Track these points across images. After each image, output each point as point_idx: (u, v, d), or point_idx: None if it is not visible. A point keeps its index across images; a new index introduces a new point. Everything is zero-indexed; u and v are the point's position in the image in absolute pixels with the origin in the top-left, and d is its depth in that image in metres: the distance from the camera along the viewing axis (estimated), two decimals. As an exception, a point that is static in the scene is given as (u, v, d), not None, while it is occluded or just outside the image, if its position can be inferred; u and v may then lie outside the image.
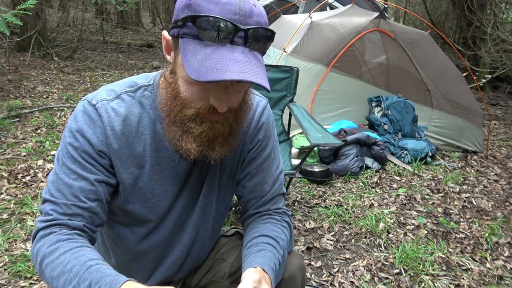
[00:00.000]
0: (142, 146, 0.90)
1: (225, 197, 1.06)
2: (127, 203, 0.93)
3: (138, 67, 7.30)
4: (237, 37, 0.73)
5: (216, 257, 1.14)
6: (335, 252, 2.24)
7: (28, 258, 1.95)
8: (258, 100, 1.04)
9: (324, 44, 3.77)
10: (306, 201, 2.81)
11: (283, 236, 0.98)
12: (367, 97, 3.98)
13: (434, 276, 2.07)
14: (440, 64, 4.03)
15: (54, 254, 0.77)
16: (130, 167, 0.90)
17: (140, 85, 0.91)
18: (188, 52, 0.74)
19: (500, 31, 5.94)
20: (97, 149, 0.85)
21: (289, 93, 2.74)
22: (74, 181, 0.83)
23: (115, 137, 0.86)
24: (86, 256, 0.76)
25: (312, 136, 2.06)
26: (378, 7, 4.21)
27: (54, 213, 0.82)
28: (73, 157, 0.84)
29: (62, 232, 0.80)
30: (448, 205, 2.93)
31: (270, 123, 1.05)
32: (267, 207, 1.04)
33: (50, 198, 0.83)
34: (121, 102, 0.88)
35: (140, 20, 13.20)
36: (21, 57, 6.53)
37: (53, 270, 0.76)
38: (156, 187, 0.93)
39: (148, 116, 0.89)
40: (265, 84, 0.73)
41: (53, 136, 3.56)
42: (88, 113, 0.85)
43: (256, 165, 1.03)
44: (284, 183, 1.10)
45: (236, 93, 0.80)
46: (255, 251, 0.91)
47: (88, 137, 0.84)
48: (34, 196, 2.54)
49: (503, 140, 4.68)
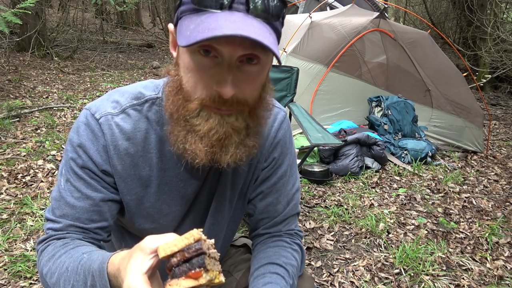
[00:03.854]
0: (148, 166, 0.83)
1: (235, 216, 0.99)
2: (133, 222, 0.88)
3: (138, 67, 7.30)
4: (237, 3, 0.64)
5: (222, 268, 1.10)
6: (335, 252, 2.24)
7: (28, 258, 1.95)
8: (276, 111, 0.93)
9: (324, 44, 3.77)
10: (306, 201, 2.81)
11: (293, 262, 0.91)
12: (367, 97, 3.98)
13: (434, 276, 2.07)
14: (440, 64, 4.04)
15: (51, 261, 0.76)
16: (134, 188, 0.84)
17: (148, 97, 0.82)
18: (183, 27, 0.66)
19: (500, 31, 5.94)
20: (101, 169, 0.80)
21: (289, 93, 2.74)
22: (77, 201, 0.79)
23: (119, 157, 0.80)
24: (79, 252, 0.74)
25: (312, 136, 2.06)
26: (378, 7, 4.21)
27: (51, 231, 0.81)
28: (77, 173, 0.79)
29: (59, 241, 0.80)
30: (448, 205, 2.93)
31: (288, 138, 0.95)
32: (278, 228, 0.97)
33: (51, 217, 0.81)
34: (126, 118, 0.80)
35: (140, 20, 13.20)
36: (21, 57, 6.53)
37: (52, 276, 0.75)
38: (163, 207, 0.87)
39: (155, 133, 0.82)
40: (269, 43, 0.61)
41: (53, 136, 3.55)
42: (91, 127, 0.79)
43: (270, 184, 0.94)
44: (299, 201, 1.02)
45: (247, 79, 0.68)
46: (261, 285, 0.85)
47: (91, 154, 0.78)
48: (34, 196, 2.54)
49: (503, 140, 4.68)
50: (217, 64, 0.66)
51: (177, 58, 0.73)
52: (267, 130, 0.91)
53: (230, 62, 0.65)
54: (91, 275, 0.68)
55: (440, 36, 5.35)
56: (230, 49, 0.64)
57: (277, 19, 0.67)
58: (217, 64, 0.66)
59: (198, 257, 0.54)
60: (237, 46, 0.63)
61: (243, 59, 0.66)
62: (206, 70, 0.67)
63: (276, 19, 0.67)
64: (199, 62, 0.66)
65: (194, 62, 0.67)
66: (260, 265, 0.90)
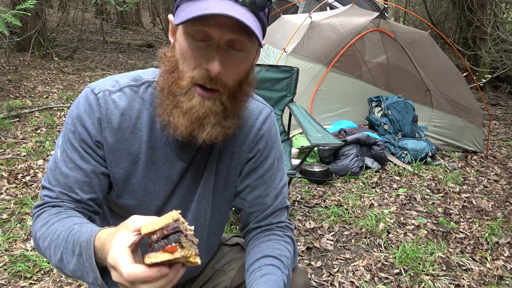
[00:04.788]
0: (137, 143, 0.89)
1: (221, 206, 1.02)
2: (119, 197, 0.93)
3: (138, 67, 7.30)
4: None
5: (215, 267, 1.11)
6: (335, 252, 2.24)
7: (28, 258, 1.95)
8: (262, 107, 1.00)
9: (324, 44, 3.77)
10: (306, 201, 2.81)
11: (286, 254, 0.94)
12: (367, 97, 3.98)
13: (434, 276, 2.07)
14: (440, 64, 4.04)
15: (45, 226, 0.82)
16: (123, 162, 0.89)
17: (145, 80, 0.91)
18: (179, 12, 0.76)
19: (500, 31, 5.94)
20: (95, 139, 0.86)
21: (289, 93, 2.74)
22: (71, 171, 0.86)
23: (111, 130, 0.86)
24: (71, 222, 0.80)
25: (312, 136, 2.06)
26: (378, 7, 4.21)
27: (48, 198, 0.87)
28: (73, 145, 0.86)
29: (54, 209, 0.85)
30: (448, 205, 2.93)
31: (273, 133, 1.01)
32: (269, 221, 1.00)
33: (47, 185, 0.88)
34: (122, 96, 0.88)
35: (140, 20, 13.20)
36: (21, 57, 6.53)
37: (44, 241, 0.81)
38: (149, 185, 0.92)
39: (148, 113, 0.89)
40: (252, 27, 0.71)
41: (53, 136, 3.56)
42: (89, 101, 0.86)
43: (256, 177, 0.99)
44: (287, 196, 1.05)
45: (233, 63, 0.78)
46: (258, 277, 0.87)
47: (87, 126, 0.85)
48: (34, 196, 2.54)
49: (503, 140, 4.68)
50: (208, 46, 0.75)
51: (174, 42, 0.82)
52: (252, 122, 0.97)
53: (219, 44, 0.75)
54: (79, 246, 0.73)
55: (440, 36, 5.35)
56: (219, 32, 0.73)
57: (262, 10, 0.77)
58: (208, 46, 0.75)
59: (175, 234, 0.59)
60: (225, 30, 0.73)
61: (231, 45, 0.76)
62: (198, 51, 0.76)
63: (261, 10, 0.77)
64: (193, 45, 0.76)
65: (188, 44, 0.76)
66: (255, 260, 0.93)
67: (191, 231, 0.65)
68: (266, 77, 2.71)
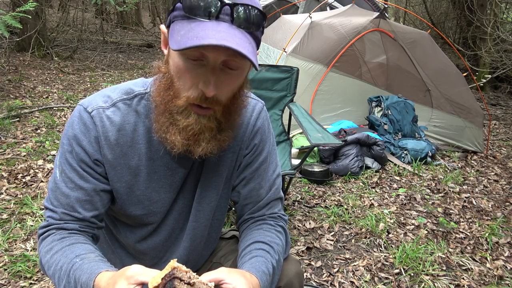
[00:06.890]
0: (137, 156, 0.90)
1: (221, 204, 1.04)
2: (125, 209, 0.94)
3: (138, 67, 7.30)
4: (223, 14, 0.72)
5: (213, 260, 1.14)
6: (335, 252, 2.24)
7: (28, 258, 1.95)
8: (254, 103, 1.02)
9: (324, 44, 3.77)
10: (306, 201, 2.81)
11: (277, 241, 0.97)
12: (367, 97, 3.98)
13: (434, 276, 2.07)
14: (440, 64, 4.03)
15: (49, 254, 0.83)
16: (124, 176, 0.90)
17: (137, 93, 0.90)
18: (174, 31, 0.75)
19: (500, 31, 5.94)
20: (93, 158, 0.87)
21: (289, 93, 2.74)
22: (71, 191, 0.86)
23: (109, 147, 0.87)
24: (74, 253, 0.81)
25: (312, 136, 2.06)
26: (378, 7, 4.21)
27: (51, 219, 0.87)
28: (71, 165, 0.86)
29: (58, 233, 0.86)
30: (448, 205, 2.93)
31: (266, 126, 1.03)
32: (262, 212, 1.03)
33: (49, 206, 0.88)
34: (116, 111, 0.88)
35: (140, 20, 13.20)
36: (21, 57, 6.53)
37: (49, 269, 0.82)
38: (153, 194, 0.94)
39: (143, 125, 0.89)
40: (248, 53, 0.70)
41: (53, 136, 3.56)
42: (84, 121, 0.86)
43: (251, 170, 1.01)
44: (281, 187, 1.08)
45: (227, 81, 0.78)
46: (247, 259, 0.90)
47: (84, 146, 0.85)
48: (34, 196, 2.54)
49: (503, 140, 4.68)
50: (203, 66, 0.75)
51: (168, 56, 0.82)
52: (247, 119, 1.00)
53: (214, 65, 0.75)
54: (80, 286, 0.76)
55: (440, 36, 5.35)
56: (215, 55, 0.73)
57: (257, 29, 0.77)
58: (203, 65, 0.75)
59: (170, 281, 0.66)
60: (221, 53, 0.73)
61: (226, 64, 0.76)
62: (193, 70, 0.76)
63: (257, 28, 0.77)
64: (188, 64, 0.76)
65: (184, 64, 0.76)
66: (246, 246, 0.96)
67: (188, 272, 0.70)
68: (266, 77, 2.71)
